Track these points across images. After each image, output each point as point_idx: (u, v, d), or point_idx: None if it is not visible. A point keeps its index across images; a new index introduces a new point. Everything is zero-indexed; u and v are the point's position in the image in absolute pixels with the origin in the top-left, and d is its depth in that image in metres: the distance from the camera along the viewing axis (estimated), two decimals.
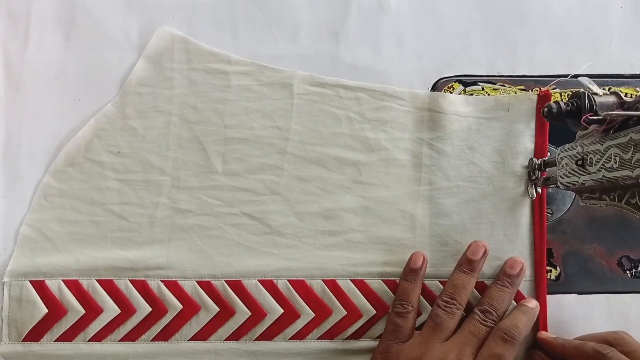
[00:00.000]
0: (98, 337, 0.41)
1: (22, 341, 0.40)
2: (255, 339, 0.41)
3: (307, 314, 0.41)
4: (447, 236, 0.43)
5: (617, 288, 0.44)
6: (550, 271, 0.44)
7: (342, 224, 0.43)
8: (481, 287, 0.42)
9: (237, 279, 0.42)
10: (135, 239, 0.42)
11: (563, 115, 0.35)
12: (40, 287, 0.41)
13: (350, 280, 0.42)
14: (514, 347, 0.38)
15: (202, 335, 0.41)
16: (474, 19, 0.45)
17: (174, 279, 0.41)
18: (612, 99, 0.35)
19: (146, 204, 0.42)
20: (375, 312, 0.42)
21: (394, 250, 0.43)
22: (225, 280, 0.42)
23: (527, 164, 0.43)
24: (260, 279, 0.42)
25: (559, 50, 0.45)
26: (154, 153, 0.42)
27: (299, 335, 0.42)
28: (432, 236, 0.43)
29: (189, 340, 0.41)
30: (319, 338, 0.42)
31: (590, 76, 0.38)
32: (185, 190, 0.42)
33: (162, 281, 0.41)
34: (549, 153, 0.43)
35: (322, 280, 0.42)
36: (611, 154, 0.33)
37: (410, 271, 0.41)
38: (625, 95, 0.35)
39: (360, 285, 0.42)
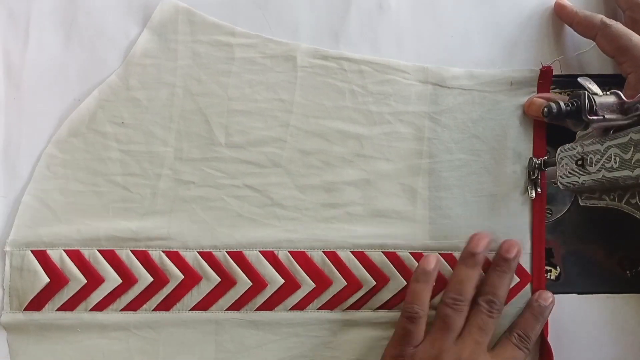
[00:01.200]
0: (100, 306, 0.41)
1: (24, 310, 0.40)
2: (256, 309, 0.41)
3: (308, 284, 0.42)
4: (448, 209, 0.43)
5: (617, 288, 0.44)
6: (550, 271, 0.44)
7: (344, 197, 0.43)
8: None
9: (238, 249, 0.42)
10: (138, 209, 0.42)
11: (563, 116, 0.35)
12: (41, 256, 0.41)
13: (351, 252, 0.42)
14: (527, 352, 0.40)
15: (204, 305, 0.41)
16: (474, 18, 0.45)
17: (175, 250, 0.42)
18: (612, 99, 0.35)
19: (149, 175, 0.42)
20: (375, 283, 0.42)
21: (394, 223, 0.43)
22: (226, 251, 0.42)
23: (529, 134, 0.43)
24: (261, 250, 0.42)
25: (559, 51, 0.45)
26: (157, 124, 0.42)
27: (300, 306, 0.42)
28: (433, 209, 0.43)
29: (190, 310, 0.41)
30: (319, 308, 0.42)
31: (590, 76, 0.38)
32: (188, 162, 0.42)
33: (163, 251, 0.41)
34: (548, 153, 0.43)
35: (323, 251, 0.42)
36: (611, 154, 0.33)
37: (423, 272, 0.40)
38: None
39: (361, 257, 0.42)
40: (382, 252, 0.42)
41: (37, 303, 0.40)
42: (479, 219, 0.43)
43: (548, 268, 0.44)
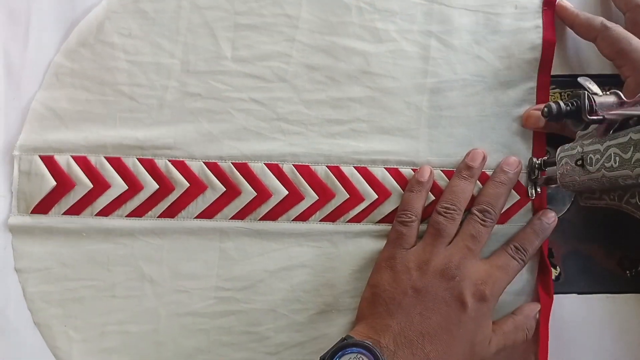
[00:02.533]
0: (105, 211, 0.41)
1: (31, 213, 0.41)
2: (260, 219, 0.42)
3: (311, 196, 0.42)
4: (451, 127, 0.43)
5: (617, 288, 0.44)
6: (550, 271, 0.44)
7: (348, 113, 0.43)
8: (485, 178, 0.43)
9: (243, 161, 0.42)
10: (144, 120, 0.42)
11: (563, 115, 0.36)
12: (49, 161, 0.41)
13: (354, 167, 0.43)
14: (522, 264, 0.40)
15: (208, 213, 0.42)
16: None
17: (181, 159, 0.42)
18: (612, 99, 0.35)
19: (155, 86, 0.43)
20: (377, 196, 0.42)
21: (398, 140, 0.43)
22: (231, 162, 0.42)
23: (533, 57, 0.44)
24: (266, 162, 0.42)
25: (559, 51, 0.45)
26: (164, 37, 0.43)
27: (302, 217, 0.42)
28: (436, 127, 0.43)
29: (195, 217, 0.42)
30: (321, 220, 0.42)
31: (590, 76, 0.39)
32: (194, 75, 0.43)
33: (169, 160, 0.42)
34: (548, 153, 0.44)
35: (326, 166, 0.43)
36: (611, 154, 0.33)
37: (417, 183, 0.42)
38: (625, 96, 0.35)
39: (364, 172, 0.43)
40: (385, 168, 0.43)
41: (44, 206, 0.41)
42: (482, 137, 0.43)
43: None
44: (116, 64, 0.43)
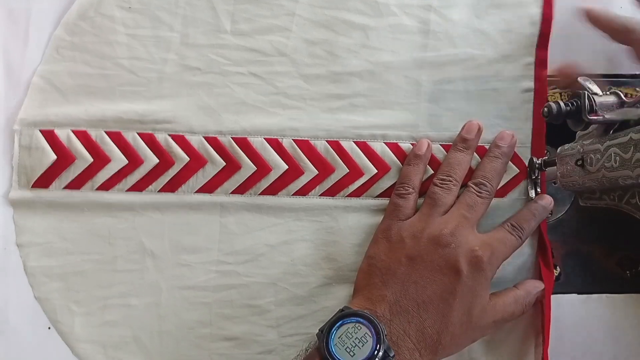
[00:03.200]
0: (106, 185, 0.41)
1: (32, 187, 0.41)
2: (260, 193, 0.42)
3: (311, 171, 0.42)
4: (451, 101, 0.43)
5: (617, 288, 0.44)
6: None
7: (348, 88, 0.43)
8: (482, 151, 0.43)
9: (243, 136, 0.42)
10: (144, 93, 0.42)
11: (563, 115, 0.36)
12: (49, 135, 0.41)
13: (354, 141, 0.43)
14: (519, 241, 0.40)
15: (209, 187, 0.42)
16: None
17: (181, 133, 0.42)
18: (612, 99, 0.35)
19: (155, 59, 0.42)
20: (376, 171, 0.42)
21: (397, 115, 0.43)
22: (231, 137, 0.42)
23: (531, 32, 0.43)
24: (265, 137, 0.42)
25: (559, 51, 0.45)
26: (163, 10, 0.43)
27: (302, 191, 0.42)
28: (436, 101, 0.43)
29: (195, 192, 0.42)
30: (321, 195, 0.42)
31: (590, 76, 0.39)
32: (193, 48, 0.43)
33: (169, 135, 0.42)
34: (548, 153, 0.44)
35: (326, 140, 0.43)
36: (611, 154, 0.33)
37: (414, 156, 0.42)
38: (626, 95, 0.35)
39: (363, 146, 0.43)
40: (384, 142, 0.43)
41: (44, 180, 0.41)
42: (481, 111, 0.43)
43: None
44: (116, 37, 0.42)
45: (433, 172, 0.42)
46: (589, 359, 0.44)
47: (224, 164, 0.42)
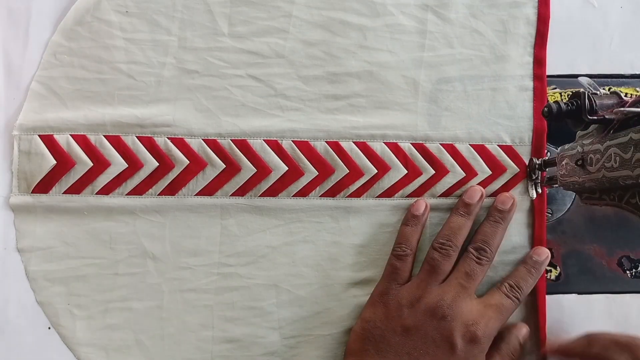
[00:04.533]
0: (106, 190, 0.41)
1: (32, 193, 0.41)
2: (260, 195, 0.42)
3: (311, 172, 0.42)
4: (449, 101, 0.44)
5: (617, 288, 0.44)
6: (550, 271, 0.44)
7: (346, 89, 0.43)
8: None
9: (242, 138, 0.42)
10: (142, 97, 0.42)
11: (563, 115, 0.36)
12: (48, 140, 0.41)
13: (353, 142, 0.43)
14: (517, 303, 0.39)
15: (209, 190, 0.42)
16: None
17: (180, 137, 0.42)
18: (612, 99, 0.35)
19: (153, 63, 0.42)
20: (376, 171, 0.43)
21: (396, 115, 0.43)
22: (231, 139, 0.42)
23: (529, 32, 0.44)
24: (265, 138, 0.43)
25: (559, 51, 0.45)
26: (160, 13, 0.43)
27: (303, 192, 0.42)
28: (434, 101, 0.44)
29: (195, 195, 0.42)
30: (321, 195, 0.43)
31: (590, 76, 0.39)
32: (191, 51, 0.43)
33: (168, 138, 0.42)
34: (548, 153, 0.44)
35: (326, 141, 0.43)
36: (611, 154, 0.33)
37: (412, 217, 0.42)
38: (626, 95, 0.35)
39: (363, 147, 0.43)
40: (384, 142, 0.43)
41: (44, 185, 0.41)
42: (480, 111, 0.44)
43: (548, 268, 0.44)
44: (113, 42, 0.42)
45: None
46: None
47: (224, 166, 0.42)
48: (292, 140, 0.43)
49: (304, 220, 0.43)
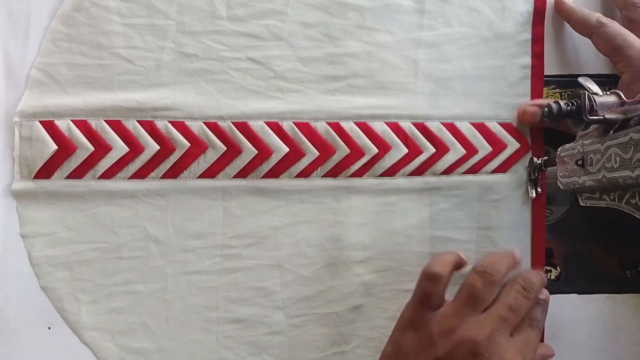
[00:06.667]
0: (108, 174, 0.42)
1: (34, 178, 0.41)
2: (262, 177, 0.42)
3: (312, 152, 0.42)
4: (448, 80, 0.44)
5: (617, 288, 0.44)
6: (550, 271, 0.44)
7: (346, 69, 0.43)
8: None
9: (243, 120, 0.42)
10: (142, 81, 0.42)
11: (563, 115, 0.36)
12: (49, 126, 0.41)
13: (354, 122, 0.43)
14: (540, 332, 0.36)
15: (210, 172, 0.42)
16: None
17: (181, 120, 0.42)
18: (612, 99, 0.35)
19: (152, 47, 0.43)
20: (377, 150, 0.43)
21: (396, 95, 0.44)
22: (231, 122, 0.42)
23: (525, 9, 0.44)
24: (266, 120, 0.43)
25: (559, 51, 0.45)
26: None
27: (304, 173, 0.43)
28: (434, 80, 0.44)
29: (197, 177, 0.42)
30: (323, 176, 0.43)
31: (590, 76, 0.39)
32: (190, 35, 0.43)
33: (169, 121, 0.42)
34: (548, 153, 0.44)
35: (326, 122, 0.43)
36: (611, 154, 0.33)
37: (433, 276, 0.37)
38: (626, 95, 0.35)
39: (364, 127, 0.43)
40: (385, 122, 0.43)
41: (46, 171, 0.41)
42: (479, 89, 0.44)
43: (548, 268, 0.44)
44: (112, 27, 0.42)
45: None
46: (589, 359, 0.44)
47: (225, 148, 0.42)
48: (293, 122, 0.43)
49: (306, 201, 0.43)
